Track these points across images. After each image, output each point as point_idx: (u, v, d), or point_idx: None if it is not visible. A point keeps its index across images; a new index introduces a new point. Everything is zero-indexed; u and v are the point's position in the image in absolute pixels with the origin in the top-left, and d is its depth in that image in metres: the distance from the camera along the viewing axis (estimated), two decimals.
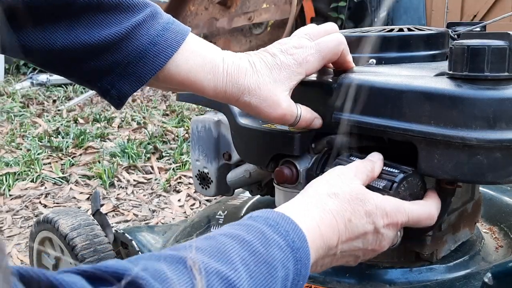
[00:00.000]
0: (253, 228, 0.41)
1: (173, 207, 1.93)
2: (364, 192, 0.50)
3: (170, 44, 0.54)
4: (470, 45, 0.49)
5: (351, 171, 0.51)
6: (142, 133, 2.77)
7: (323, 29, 0.59)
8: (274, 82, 0.55)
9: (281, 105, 0.56)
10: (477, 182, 0.65)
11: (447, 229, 0.65)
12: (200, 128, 0.82)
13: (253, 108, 0.56)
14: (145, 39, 0.52)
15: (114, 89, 0.54)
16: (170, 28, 0.54)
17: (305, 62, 0.56)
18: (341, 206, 0.48)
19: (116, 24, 0.51)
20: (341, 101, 0.58)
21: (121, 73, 0.53)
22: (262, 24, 3.55)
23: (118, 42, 0.51)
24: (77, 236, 0.99)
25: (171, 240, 1.03)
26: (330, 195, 0.48)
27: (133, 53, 0.52)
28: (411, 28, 0.68)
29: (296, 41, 0.57)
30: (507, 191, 0.85)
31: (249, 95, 0.55)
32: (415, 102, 0.51)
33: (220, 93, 0.56)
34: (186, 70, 0.55)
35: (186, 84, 0.56)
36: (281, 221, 0.43)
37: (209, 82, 0.55)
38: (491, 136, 0.48)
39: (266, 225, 0.42)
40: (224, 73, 0.55)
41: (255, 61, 0.56)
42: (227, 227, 0.42)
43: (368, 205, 0.49)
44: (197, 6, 3.94)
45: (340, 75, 0.60)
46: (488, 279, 0.57)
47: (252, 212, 0.44)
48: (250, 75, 0.55)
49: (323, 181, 0.50)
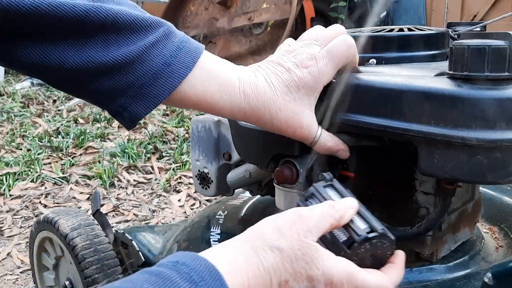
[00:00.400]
0: (170, 284, 0.36)
1: (173, 207, 1.93)
2: (314, 253, 0.42)
3: (185, 64, 0.52)
4: (470, 45, 0.48)
5: (312, 221, 0.43)
6: (142, 133, 2.77)
7: (332, 32, 0.57)
8: (294, 101, 0.54)
9: (302, 124, 0.55)
10: (477, 182, 0.65)
11: (447, 229, 0.65)
12: (200, 128, 0.82)
13: (275, 128, 0.56)
14: (159, 59, 0.51)
15: (126, 112, 0.53)
16: (184, 47, 0.53)
17: (320, 75, 0.55)
18: (282, 265, 0.41)
19: (130, 44, 0.50)
20: (341, 101, 0.58)
21: (134, 95, 0.52)
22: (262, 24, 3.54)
23: (131, 62, 0.50)
24: (77, 236, 0.99)
25: (171, 240, 1.03)
26: (273, 249, 0.41)
27: (147, 74, 0.51)
28: (411, 28, 0.68)
29: (307, 51, 0.55)
30: (507, 191, 0.85)
31: (270, 117, 0.54)
32: (415, 102, 0.51)
33: (238, 113, 0.55)
34: (201, 91, 0.53)
35: (202, 105, 0.55)
36: (207, 276, 0.38)
37: (225, 103, 0.54)
38: (491, 136, 0.48)
39: (187, 281, 0.37)
40: (241, 94, 0.54)
41: (271, 78, 0.55)
42: (143, 276, 0.37)
43: (314, 270, 0.42)
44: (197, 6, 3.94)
45: (340, 75, 0.60)
46: (488, 279, 0.57)
47: (180, 256, 0.39)
48: (270, 96, 0.54)
49: (273, 226, 0.43)
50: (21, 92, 3.59)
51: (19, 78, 4.11)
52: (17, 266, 1.55)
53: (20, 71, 0.51)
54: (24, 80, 3.96)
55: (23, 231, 1.77)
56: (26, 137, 2.68)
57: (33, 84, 3.90)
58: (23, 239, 1.71)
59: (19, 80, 4.01)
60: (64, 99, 3.53)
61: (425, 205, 0.63)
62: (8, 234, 1.75)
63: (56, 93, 3.68)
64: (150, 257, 1.01)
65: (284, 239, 0.41)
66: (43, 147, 2.48)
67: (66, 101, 3.49)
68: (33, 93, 3.60)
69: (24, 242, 1.69)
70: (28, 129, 2.81)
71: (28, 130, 2.79)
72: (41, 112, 3.21)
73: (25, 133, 2.73)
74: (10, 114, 3.07)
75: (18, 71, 0.51)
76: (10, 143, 2.57)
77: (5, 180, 2.10)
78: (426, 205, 0.63)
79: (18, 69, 0.50)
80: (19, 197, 2.01)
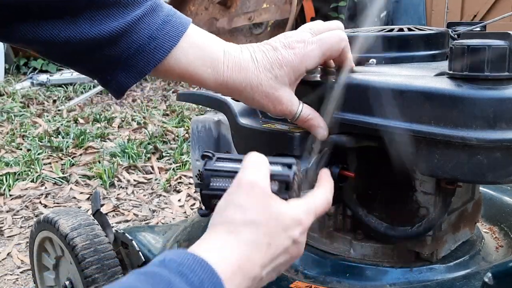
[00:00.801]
0: (160, 279, 0.37)
1: (173, 207, 1.93)
2: (277, 207, 0.46)
3: (169, 38, 0.54)
4: (470, 45, 0.48)
5: (257, 186, 0.46)
6: (142, 133, 2.77)
7: (327, 26, 0.60)
8: (275, 78, 0.56)
9: (282, 101, 0.57)
10: (477, 182, 0.65)
11: (447, 229, 0.65)
12: (200, 128, 0.82)
13: (256, 102, 0.58)
14: (144, 33, 0.53)
15: (114, 81, 0.55)
16: (170, 21, 0.55)
17: (305, 57, 0.56)
18: (258, 233, 0.44)
19: (117, 18, 0.52)
20: (341, 101, 0.58)
21: (121, 66, 0.54)
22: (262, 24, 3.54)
23: (119, 36, 0.52)
24: (77, 236, 0.99)
25: (171, 240, 1.03)
26: (246, 224, 0.43)
27: (133, 47, 0.53)
28: (411, 28, 0.68)
29: (299, 35, 0.58)
30: (507, 191, 0.85)
31: (251, 91, 0.56)
32: (415, 102, 0.51)
33: (221, 85, 0.57)
34: (185, 63, 0.55)
35: (186, 77, 0.56)
36: (197, 267, 0.38)
37: (209, 75, 0.56)
38: (491, 136, 0.48)
39: (177, 274, 0.37)
40: (225, 67, 0.56)
41: (257, 55, 0.57)
42: (132, 277, 0.38)
43: (284, 221, 0.45)
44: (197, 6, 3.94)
45: (339, 75, 0.60)
46: (488, 279, 0.57)
47: (166, 254, 0.40)
48: (252, 70, 0.56)
49: (236, 205, 0.45)
50: (21, 92, 3.59)
51: (19, 78, 4.11)
52: (17, 266, 1.55)
53: (16, 45, 0.54)
54: (24, 80, 3.96)
55: (23, 231, 1.77)
56: (26, 137, 2.68)
57: (33, 84, 3.90)
58: (23, 239, 1.71)
59: (19, 80, 4.02)
60: (64, 99, 3.53)
61: (425, 205, 0.63)
62: (8, 234, 1.75)
63: (56, 93, 3.68)
64: (150, 257, 1.01)
65: (249, 212, 0.44)
66: (43, 147, 2.48)
67: (66, 101, 3.49)
68: (33, 93, 3.60)
69: (24, 242, 1.69)
70: (28, 129, 2.81)
71: (28, 130, 2.79)
72: (41, 112, 3.21)
73: (25, 133, 2.73)
74: (10, 114, 3.07)
75: (14, 45, 0.54)
76: (10, 143, 2.57)
77: (5, 180, 2.10)
78: (426, 205, 0.63)
79: (14, 43, 0.53)
80: (19, 197, 2.01)
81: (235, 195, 0.46)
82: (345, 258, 0.68)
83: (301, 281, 0.66)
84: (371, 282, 0.65)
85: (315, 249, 0.71)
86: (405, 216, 0.64)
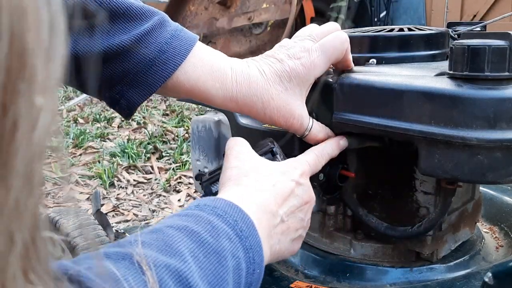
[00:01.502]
0: (201, 218, 0.41)
1: (173, 207, 1.93)
2: (267, 162, 0.52)
3: (179, 52, 0.53)
4: (470, 45, 0.48)
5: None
6: (142, 133, 2.77)
7: (326, 29, 0.59)
8: (286, 91, 0.55)
9: (294, 114, 0.56)
10: (478, 182, 0.65)
11: (448, 229, 0.65)
12: (200, 128, 0.82)
13: (267, 118, 0.57)
14: (153, 47, 0.52)
15: (123, 99, 0.54)
16: (178, 36, 0.54)
17: (312, 66, 0.56)
18: (259, 179, 0.49)
19: (125, 32, 0.51)
20: (341, 101, 0.58)
21: (130, 82, 0.53)
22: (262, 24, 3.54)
23: (127, 50, 0.51)
24: (78, 235, 0.99)
25: None
26: (245, 174, 0.50)
27: (142, 61, 0.52)
28: (411, 28, 0.68)
29: (300, 44, 0.57)
30: (508, 190, 0.85)
31: (262, 106, 0.55)
32: (415, 102, 0.51)
33: (231, 102, 0.56)
34: (194, 78, 0.54)
35: (194, 92, 0.56)
36: (229, 209, 0.43)
37: (217, 91, 0.55)
38: (491, 136, 0.48)
39: (214, 215, 0.42)
40: (234, 82, 0.55)
41: (264, 68, 0.56)
42: (174, 218, 0.42)
43: (279, 168, 0.51)
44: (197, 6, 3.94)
45: (340, 75, 0.60)
46: (488, 279, 0.57)
47: (199, 200, 0.45)
48: (262, 85, 0.55)
49: (231, 168, 0.51)
50: None
51: None
52: None
53: None
54: None
55: None
56: None
57: None
58: None
59: None
60: (64, 99, 3.53)
61: (425, 205, 0.63)
62: None
63: None
64: None
65: (244, 166, 0.50)
66: None
67: (66, 101, 3.49)
68: None
69: None
70: None
71: None
72: None
73: None
74: None
75: None
76: None
77: None
78: (427, 205, 0.63)
79: None
80: None
81: (227, 162, 0.52)
82: (345, 258, 0.68)
83: (302, 280, 0.66)
84: (371, 282, 0.65)
85: (315, 249, 0.71)
86: (405, 216, 0.64)
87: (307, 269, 0.69)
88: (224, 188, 0.49)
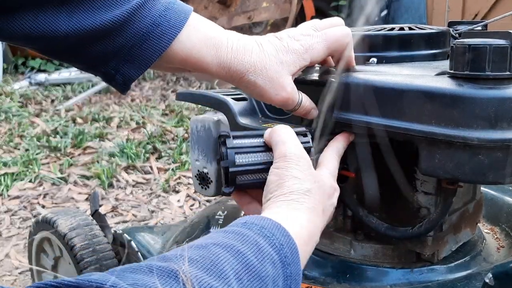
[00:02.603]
0: (248, 238, 0.40)
1: (172, 207, 1.93)
2: (320, 177, 0.52)
3: (173, 25, 0.53)
4: (471, 44, 0.48)
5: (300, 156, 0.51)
6: (141, 133, 2.77)
7: (330, 22, 0.59)
8: (281, 63, 0.55)
9: (286, 88, 0.55)
10: (478, 182, 0.64)
11: (448, 230, 0.65)
12: (199, 128, 0.82)
13: (257, 88, 0.55)
14: (147, 20, 0.51)
15: (119, 74, 0.54)
16: (172, 8, 0.53)
17: (311, 48, 0.55)
18: (315, 201, 0.49)
19: (117, 6, 0.50)
20: (341, 100, 0.58)
21: (126, 57, 0.52)
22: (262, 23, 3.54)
23: (120, 25, 0.50)
24: (76, 236, 0.98)
25: (171, 240, 1.02)
26: (305, 193, 0.48)
27: (136, 35, 0.51)
28: (412, 27, 0.67)
29: (303, 29, 0.57)
30: (509, 191, 0.84)
31: (254, 74, 0.54)
32: (416, 102, 0.51)
33: (223, 69, 0.55)
34: (189, 46, 0.53)
35: (189, 61, 0.55)
36: (276, 232, 0.42)
37: (212, 57, 0.54)
38: (492, 135, 0.48)
39: (261, 236, 0.41)
40: (229, 49, 0.54)
41: (262, 41, 0.56)
42: (221, 234, 0.41)
43: (327, 189, 0.52)
44: (196, 5, 3.93)
45: (341, 75, 0.59)
46: (489, 280, 0.57)
47: (246, 218, 0.43)
48: (257, 53, 0.55)
49: (293, 177, 0.49)
50: (19, 92, 3.58)
51: (17, 78, 4.10)
52: (16, 267, 1.55)
53: (14, 43, 0.52)
54: (22, 80, 3.96)
55: (21, 231, 1.77)
56: (24, 137, 2.67)
57: (31, 84, 3.89)
58: (21, 239, 1.71)
59: (17, 80, 4.01)
60: (63, 99, 3.52)
61: (426, 205, 0.63)
62: (6, 234, 1.74)
63: (55, 92, 3.67)
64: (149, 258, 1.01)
65: (305, 182, 0.49)
66: (41, 147, 2.47)
67: (65, 100, 3.48)
68: (31, 93, 3.59)
69: (23, 242, 1.68)
70: (26, 129, 2.80)
71: (26, 130, 2.78)
72: (39, 111, 3.20)
73: (23, 133, 2.72)
74: (8, 114, 3.06)
75: (12, 43, 0.52)
76: (8, 143, 2.56)
77: (3, 180, 2.09)
78: (427, 206, 0.63)
79: (12, 41, 0.51)
80: (17, 198, 2.00)
81: (287, 168, 0.49)
82: (345, 258, 0.68)
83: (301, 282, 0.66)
84: (371, 283, 0.65)
85: (315, 249, 0.70)
86: (406, 217, 0.64)
87: (307, 270, 0.68)
88: (275, 203, 0.47)
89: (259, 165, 0.52)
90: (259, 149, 0.53)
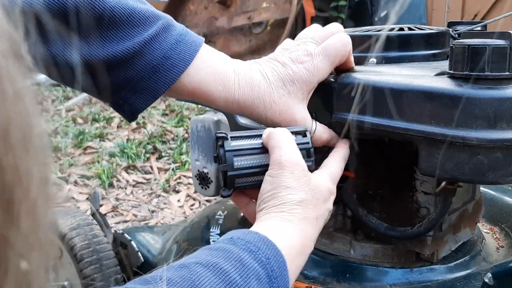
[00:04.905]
0: (231, 255, 0.40)
1: (173, 207, 1.93)
2: (315, 182, 0.50)
3: (183, 58, 0.53)
4: (470, 45, 0.48)
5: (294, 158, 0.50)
6: (141, 133, 2.77)
7: (328, 30, 0.58)
8: (289, 94, 0.55)
9: (296, 118, 0.56)
10: (478, 182, 0.64)
11: (448, 229, 0.65)
12: (199, 128, 0.82)
13: (268, 121, 0.56)
14: (158, 53, 0.52)
15: (127, 105, 0.54)
16: (183, 40, 0.53)
17: (316, 70, 0.55)
18: (308, 210, 0.48)
19: (128, 39, 0.50)
20: (341, 101, 0.58)
21: (134, 88, 0.53)
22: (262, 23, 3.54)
23: (131, 57, 0.51)
24: (76, 236, 0.98)
25: (171, 240, 1.02)
26: (298, 203, 0.48)
27: (147, 67, 0.52)
28: (412, 27, 0.67)
29: (303, 47, 0.56)
30: (508, 191, 0.85)
31: (264, 109, 0.55)
32: (415, 102, 0.51)
33: (232, 104, 0.55)
34: (197, 80, 0.54)
35: (196, 94, 0.55)
36: (262, 245, 0.42)
37: (220, 93, 0.54)
38: (491, 136, 0.48)
39: (247, 251, 0.40)
40: (236, 85, 0.54)
41: (267, 72, 0.55)
42: (205, 252, 0.41)
43: (323, 194, 0.51)
44: (196, 5, 3.93)
45: (340, 75, 0.59)
46: (488, 279, 0.57)
47: (233, 233, 0.43)
48: (264, 88, 0.55)
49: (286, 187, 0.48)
50: None
51: None
52: None
53: None
54: None
55: None
56: None
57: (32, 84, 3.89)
58: None
59: None
60: (63, 99, 3.52)
61: (425, 205, 0.63)
62: None
63: (55, 92, 3.67)
64: (149, 258, 1.01)
65: (298, 191, 0.48)
66: None
67: (65, 100, 3.48)
68: None
69: None
70: None
71: None
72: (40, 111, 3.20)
73: None
74: None
75: None
76: None
77: None
78: (427, 205, 0.63)
79: None
80: None
81: (281, 177, 0.48)
82: (345, 258, 0.68)
83: (301, 281, 0.66)
84: (371, 282, 0.65)
85: (314, 249, 0.70)
86: (405, 216, 0.64)
87: (306, 270, 0.68)
88: (268, 214, 0.47)
89: (258, 168, 0.51)
90: (258, 151, 0.52)
